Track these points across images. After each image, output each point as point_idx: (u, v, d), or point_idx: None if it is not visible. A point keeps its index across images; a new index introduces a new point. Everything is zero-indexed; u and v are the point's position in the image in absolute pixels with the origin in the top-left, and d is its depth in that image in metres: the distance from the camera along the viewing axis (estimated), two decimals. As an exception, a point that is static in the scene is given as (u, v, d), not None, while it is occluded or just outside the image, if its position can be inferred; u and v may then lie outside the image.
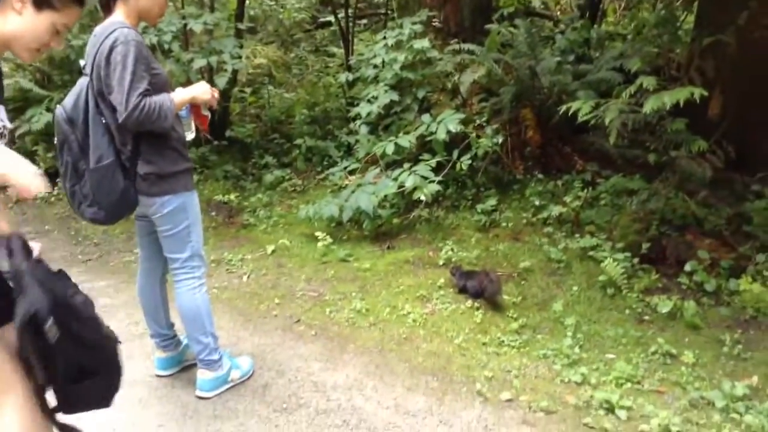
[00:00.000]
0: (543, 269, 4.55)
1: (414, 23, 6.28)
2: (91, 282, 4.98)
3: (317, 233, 5.36)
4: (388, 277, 4.63)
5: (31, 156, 7.44)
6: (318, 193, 6.47)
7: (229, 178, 6.93)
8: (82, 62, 2.91)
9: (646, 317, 3.92)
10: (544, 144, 6.01)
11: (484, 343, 3.68)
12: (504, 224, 5.26)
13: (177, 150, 2.98)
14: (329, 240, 5.29)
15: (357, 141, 6.42)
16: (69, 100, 2.84)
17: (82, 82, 2.84)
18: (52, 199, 7.08)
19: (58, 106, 2.86)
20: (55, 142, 2.87)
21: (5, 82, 2.22)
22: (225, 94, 7.62)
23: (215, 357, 3.21)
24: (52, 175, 7.26)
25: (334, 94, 8.24)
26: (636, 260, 4.34)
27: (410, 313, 4.07)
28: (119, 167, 2.82)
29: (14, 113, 7.40)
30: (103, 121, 2.78)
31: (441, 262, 4.75)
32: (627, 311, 3.99)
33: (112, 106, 2.73)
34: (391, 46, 6.10)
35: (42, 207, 7.05)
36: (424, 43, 5.87)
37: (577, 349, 3.59)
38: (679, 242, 4.45)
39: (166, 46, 6.40)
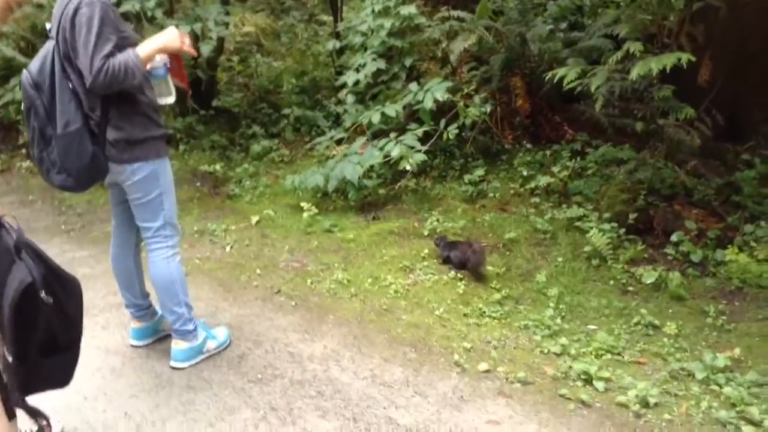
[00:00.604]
0: (528, 240, 4.49)
1: (402, -12, 6.13)
2: (73, 252, 4.93)
3: (302, 204, 5.29)
4: (372, 247, 4.57)
5: (14, 125, 7.35)
6: (305, 164, 6.39)
7: (216, 148, 6.84)
8: (48, 25, 2.80)
9: (630, 288, 3.88)
10: (534, 113, 5.92)
11: (465, 314, 3.63)
12: (491, 195, 5.19)
13: (147, 115, 2.90)
14: (314, 210, 5.22)
15: (345, 111, 6.32)
16: (35, 64, 2.72)
17: (49, 45, 2.74)
18: (36, 169, 6.99)
19: (24, 70, 2.76)
20: (22, 107, 2.78)
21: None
22: (212, 63, 7.51)
23: (189, 327, 3.16)
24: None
25: (323, 63, 8.10)
26: (622, 231, 4.28)
27: (392, 284, 4.01)
28: (87, 133, 2.73)
29: (-1, 81, 7.28)
30: (70, 86, 2.68)
31: (426, 233, 4.69)
32: (611, 282, 3.94)
33: (79, 70, 2.64)
34: (378, 12, 5.97)
35: (26, 177, 6.97)
36: (410, 9, 5.74)
37: (558, 320, 3.55)
38: (666, 212, 4.39)
39: (149, 13, 6.27)
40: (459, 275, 4.04)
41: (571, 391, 2.85)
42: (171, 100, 3.04)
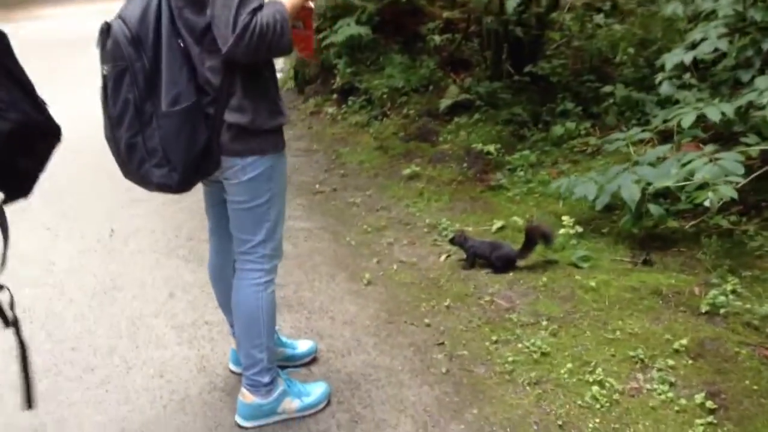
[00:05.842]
0: None
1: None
2: (298, 222, 4.53)
3: (564, 217, 4.05)
4: (613, 309, 3.18)
5: (330, 70, 7.30)
6: (609, 161, 4.97)
7: (513, 123, 5.78)
8: None
9: None
10: None
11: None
12: None
13: (275, 98, 2.18)
14: (577, 229, 3.95)
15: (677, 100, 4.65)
16: (133, 10, 1.98)
17: None
18: (339, 116, 6.83)
19: (115, 19, 2.00)
20: (105, 71, 2.01)
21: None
22: (541, 19, 6.37)
23: (264, 379, 2.42)
24: (347, 92, 7.04)
25: (678, 31, 6.25)
26: None
27: (599, 382, 2.66)
28: (201, 113, 2.07)
29: (329, 22, 7.25)
30: (182, 46, 2.00)
31: (703, 310, 3.09)
32: None
33: (191, 26, 1.98)
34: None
35: (326, 125, 6.82)
36: (787, -35, 3.80)
37: None
38: None
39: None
40: (708, 405, 2.49)
41: None
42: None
